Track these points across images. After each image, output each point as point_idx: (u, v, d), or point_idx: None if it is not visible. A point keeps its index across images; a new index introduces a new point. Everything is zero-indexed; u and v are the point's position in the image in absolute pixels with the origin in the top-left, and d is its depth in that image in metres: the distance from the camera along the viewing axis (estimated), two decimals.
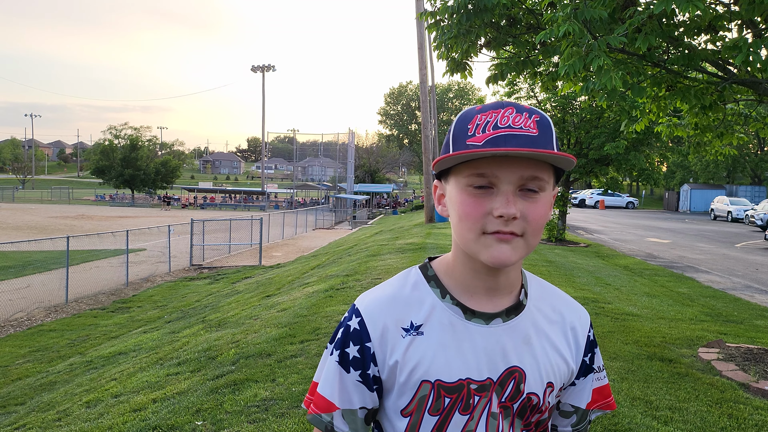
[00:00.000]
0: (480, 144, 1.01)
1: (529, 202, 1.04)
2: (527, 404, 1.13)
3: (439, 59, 6.55)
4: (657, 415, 4.48)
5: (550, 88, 7.00)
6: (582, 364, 1.22)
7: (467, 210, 1.04)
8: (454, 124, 1.08)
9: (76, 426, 4.73)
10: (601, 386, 1.28)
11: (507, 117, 1.03)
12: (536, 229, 1.05)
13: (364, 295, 1.19)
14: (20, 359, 9.04)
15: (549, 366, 1.15)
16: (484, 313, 1.13)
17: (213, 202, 66.09)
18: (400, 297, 1.15)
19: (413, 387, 1.10)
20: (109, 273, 16.78)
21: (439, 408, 1.09)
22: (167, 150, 78.51)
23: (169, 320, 10.52)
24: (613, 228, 28.94)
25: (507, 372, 1.11)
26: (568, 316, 1.22)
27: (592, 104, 16.08)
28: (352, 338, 1.13)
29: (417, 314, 1.13)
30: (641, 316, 8.26)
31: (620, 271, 13.33)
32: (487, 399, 1.10)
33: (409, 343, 1.11)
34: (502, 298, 1.15)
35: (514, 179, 1.02)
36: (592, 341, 1.25)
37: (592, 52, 4.06)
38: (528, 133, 1.01)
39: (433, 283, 1.16)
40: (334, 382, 1.13)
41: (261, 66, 75.19)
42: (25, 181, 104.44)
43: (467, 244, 1.07)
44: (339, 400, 1.12)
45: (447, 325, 1.11)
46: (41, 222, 36.25)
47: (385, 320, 1.12)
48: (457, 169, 1.07)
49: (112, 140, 66.71)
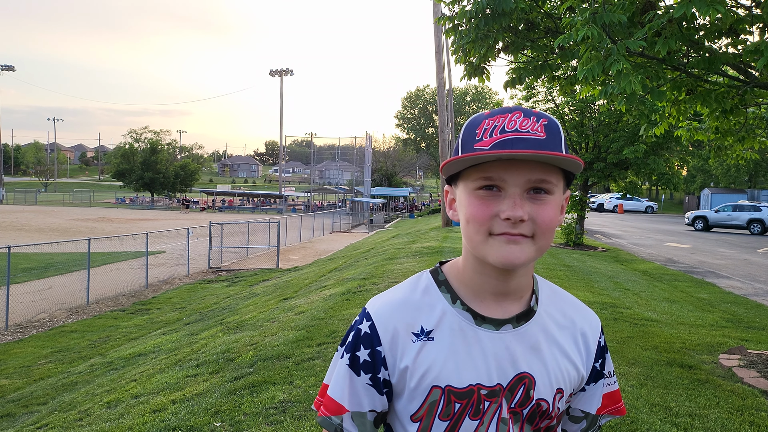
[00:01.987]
0: (487, 148, 1.02)
1: (537, 204, 1.04)
2: (536, 410, 1.13)
3: (456, 63, 6.55)
4: (677, 421, 4.44)
5: (569, 92, 6.98)
6: (592, 369, 1.22)
7: (474, 212, 1.05)
8: (463, 129, 1.10)
9: (97, 426, 4.79)
10: (612, 391, 1.27)
11: (514, 121, 1.04)
12: (545, 231, 1.05)
13: (375, 298, 1.20)
14: (42, 359, 9.18)
15: (559, 372, 1.15)
16: (494, 319, 1.13)
17: (231, 206, 66.54)
18: (410, 301, 1.16)
19: (423, 392, 1.10)
20: (129, 275, 16.97)
21: (450, 413, 1.10)
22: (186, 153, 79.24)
23: (187, 322, 10.61)
24: (632, 232, 28.66)
25: (517, 378, 1.11)
26: (579, 322, 1.22)
27: (611, 108, 15.96)
28: (363, 342, 1.14)
29: (428, 319, 1.13)
30: (661, 321, 8.18)
31: (639, 276, 13.20)
32: (497, 405, 1.10)
33: (419, 348, 1.11)
34: (513, 303, 1.15)
35: (521, 182, 1.03)
36: (602, 347, 1.24)
37: (611, 56, 4.05)
38: (535, 137, 1.02)
39: (443, 287, 1.17)
40: (344, 385, 1.14)
41: (279, 70, 75.61)
42: (47, 184, 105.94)
43: (476, 246, 1.07)
44: (349, 402, 1.13)
45: (457, 330, 1.12)
46: (63, 224, 36.76)
47: (396, 325, 1.13)
48: (465, 174, 1.08)
49: (132, 144, 67.45)
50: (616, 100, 4.81)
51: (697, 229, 31.18)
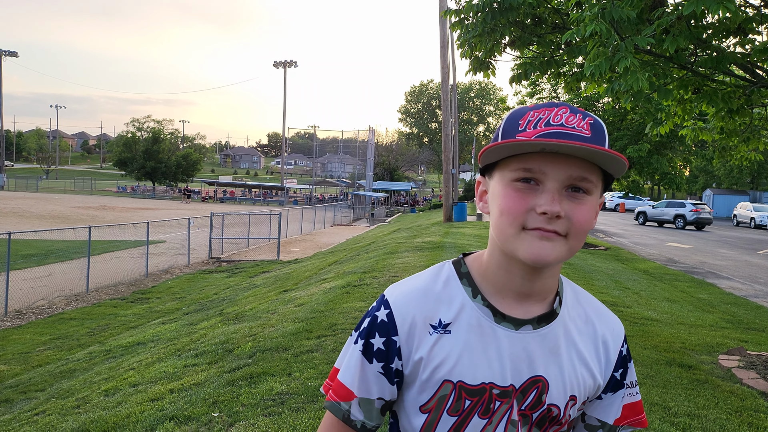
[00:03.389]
0: (530, 139, 0.99)
1: (575, 203, 1.01)
2: (547, 415, 1.10)
3: (462, 58, 6.52)
4: (675, 421, 4.43)
5: (574, 88, 6.94)
6: (611, 379, 1.18)
7: (509, 204, 1.02)
8: (505, 120, 1.07)
9: (94, 414, 4.79)
10: (633, 402, 1.23)
11: (560, 115, 1.01)
12: (580, 231, 1.02)
13: (394, 286, 1.16)
14: (41, 346, 9.19)
15: (574, 378, 1.12)
16: (515, 318, 1.10)
17: (232, 196, 66.56)
18: (431, 292, 1.12)
19: (435, 385, 1.08)
20: (130, 264, 16.98)
21: (459, 409, 1.07)
22: (189, 143, 79.23)
23: (187, 312, 10.62)
24: (633, 232, 28.64)
25: (530, 381, 1.09)
26: (601, 329, 1.18)
27: (616, 106, 15.90)
28: (379, 329, 1.11)
29: (446, 312, 1.10)
30: (660, 321, 8.17)
31: (640, 276, 13.19)
32: (508, 406, 1.08)
33: (435, 340, 1.09)
34: (535, 304, 1.12)
35: (561, 177, 1.00)
36: (625, 356, 1.20)
37: (619, 52, 4.01)
38: (581, 134, 1.00)
39: (465, 281, 1.13)
40: (355, 371, 1.12)
41: (283, 62, 75.47)
42: (49, 171, 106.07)
43: (506, 239, 1.03)
44: (358, 389, 1.11)
45: (475, 326, 1.09)
46: (64, 212, 36.78)
47: (414, 315, 1.10)
48: (503, 163, 1.04)
49: (134, 132, 67.45)
50: (622, 98, 4.78)
51: (640, 222, 34.30)
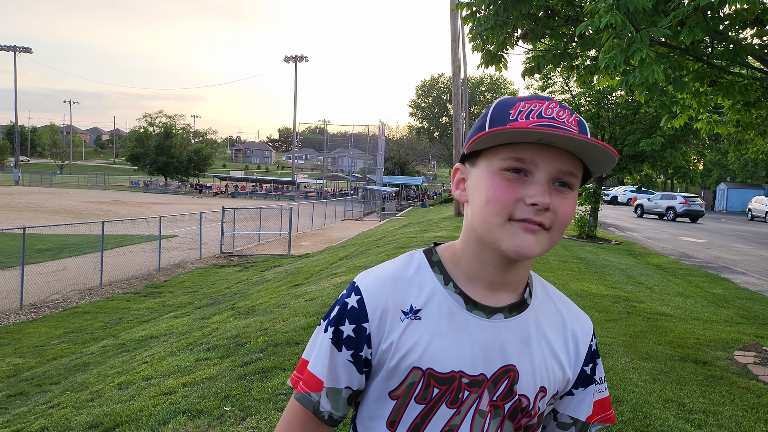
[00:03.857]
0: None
1: (561, 198, 1.01)
2: (518, 406, 1.08)
3: (474, 51, 6.47)
4: (690, 418, 4.39)
5: (587, 81, 6.87)
6: (581, 373, 1.17)
7: (498, 193, 1.00)
8: (492, 108, 1.05)
9: (108, 407, 4.82)
10: (603, 398, 1.22)
11: (551, 109, 1.01)
12: (563, 225, 1.02)
13: (365, 273, 1.14)
14: (56, 340, 9.26)
15: (544, 370, 1.10)
16: (487, 306, 1.08)
17: (244, 191, 66.76)
18: (402, 278, 1.10)
19: (404, 372, 1.05)
20: (142, 258, 17.07)
21: (427, 397, 1.05)
22: (200, 138, 79.46)
23: (199, 306, 10.66)
24: (645, 226, 28.43)
25: (502, 370, 1.07)
26: (570, 323, 1.17)
27: (629, 99, 15.76)
28: (349, 316, 1.08)
29: (417, 298, 1.08)
30: (674, 316, 8.10)
31: (653, 270, 13.08)
32: (477, 395, 1.06)
33: (405, 326, 1.06)
34: (506, 294, 1.11)
35: (551, 170, 0.99)
36: (594, 351, 1.20)
37: (634, 44, 3.95)
38: (570, 129, 0.99)
39: (436, 268, 1.11)
40: (325, 359, 1.09)
41: (294, 56, 75.51)
42: (62, 166, 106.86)
43: (489, 229, 1.01)
44: (327, 378, 1.09)
45: (446, 313, 1.07)
46: (78, 207, 37.07)
47: (386, 302, 1.08)
48: (491, 152, 1.02)
49: (147, 128, 67.77)
50: (636, 90, 4.72)
51: (638, 215, 35.31)
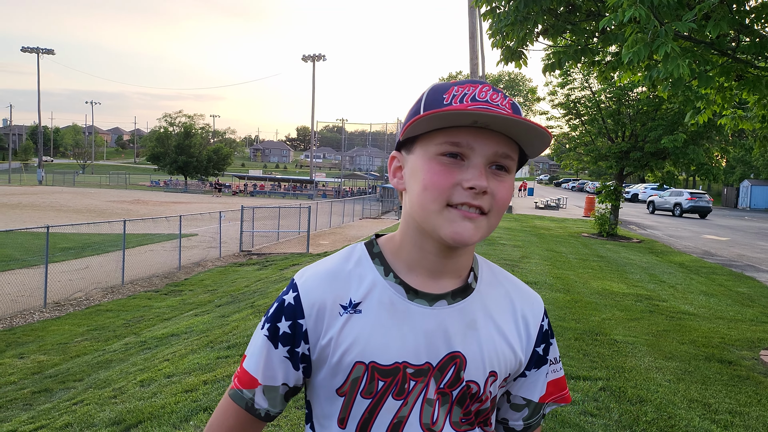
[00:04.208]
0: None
1: (498, 181, 1.00)
2: (467, 392, 1.07)
3: (493, 48, 6.42)
4: (716, 418, 4.31)
5: (608, 77, 6.78)
6: (533, 354, 1.15)
7: (435, 179, 0.98)
8: (426, 94, 1.04)
9: (130, 404, 4.86)
10: (557, 378, 1.21)
11: (485, 92, 0.99)
12: (501, 209, 1.01)
13: (304, 269, 1.13)
14: (79, 337, 9.38)
15: (494, 354, 1.08)
16: (428, 294, 1.06)
17: (262, 190, 67.09)
18: (341, 272, 1.09)
19: (347, 368, 1.03)
20: (163, 257, 17.23)
21: (372, 391, 1.03)
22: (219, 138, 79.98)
23: (219, 304, 10.73)
24: (667, 224, 28.08)
25: (448, 357, 1.05)
26: (520, 304, 1.15)
27: (651, 95, 15.53)
28: (285, 313, 1.07)
29: (356, 291, 1.06)
30: (698, 315, 7.98)
31: (675, 269, 12.91)
32: (423, 384, 1.04)
33: (345, 321, 1.04)
34: (449, 281, 1.09)
35: (488, 153, 0.98)
36: (546, 331, 1.18)
37: (659, 38, 3.88)
38: (504, 112, 0.97)
39: (377, 260, 1.10)
40: (260, 356, 1.08)
41: (311, 55, 75.68)
42: (85, 166, 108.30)
43: (428, 216, 1.00)
44: (262, 375, 1.07)
45: (387, 304, 1.05)
46: (100, 206, 37.54)
47: (323, 297, 1.06)
48: (427, 137, 1.01)
49: (167, 128, 68.33)
50: (661, 86, 4.64)
51: (650, 211, 36.35)
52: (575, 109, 19.37)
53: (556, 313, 7.29)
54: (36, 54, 75.88)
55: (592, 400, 4.47)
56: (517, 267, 10.73)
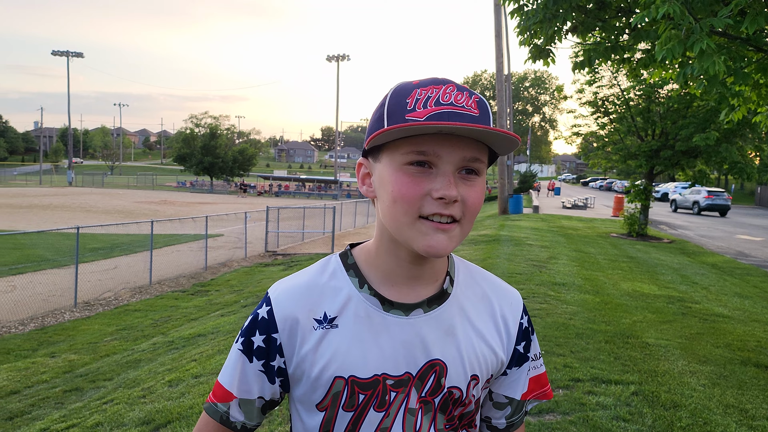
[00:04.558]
0: (422, 119, 0.94)
1: (468, 186, 0.98)
2: (449, 398, 1.07)
3: (521, 46, 6.34)
4: (754, 425, 4.19)
5: (639, 74, 6.64)
6: (514, 353, 1.15)
7: (404, 191, 0.96)
8: (389, 98, 1.01)
9: (159, 404, 4.89)
10: (538, 375, 1.21)
11: (449, 94, 0.97)
12: (473, 214, 1.00)
13: (279, 282, 1.13)
14: (108, 336, 9.50)
15: (474, 358, 1.08)
16: (404, 303, 1.06)
17: (287, 190, 67.48)
18: (315, 286, 1.08)
19: (327, 383, 1.03)
20: (189, 257, 17.41)
21: (354, 405, 1.03)
22: (244, 138, 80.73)
23: (245, 305, 10.79)
24: (698, 224, 27.55)
25: (428, 365, 1.04)
26: (498, 304, 1.15)
27: (682, 93, 15.22)
28: (259, 327, 1.07)
29: (331, 305, 1.06)
30: (733, 317, 7.79)
31: (708, 270, 12.64)
32: (404, 395, 1.04)
33: (321, 336, 1.04)
34: (426, 287, 1.08)
35: (455, 159, 0.96)
36: (526, 328, 1.17)
37: (694, 34, 3.78)
38: (470, 113, 0.96)
39: (352, 272, 1.09)
40: (234, 370, 1.08)
41: (336, 56, 75.95)
42: (113, 167, 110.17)
43: (400, 229, 0.99)
44: (237, 389, 1.07)
45: (363, 317, 1.05)
46: (128, 206, 38.12)
47: (296, 311, 1.06)
48: (393, 146, 0.98)
49: (193, 129, 69.19)
50: (695, 83, 4.52)
51: (672, 210, 36.88)
52: (603, 107, 19.09)
53: (585, 315, 7.17)
54: (66, 57, 77.33)
55: (625, 405, 4.37)
56: (544, 268, 10.60)
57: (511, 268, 10.21)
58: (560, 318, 6.87)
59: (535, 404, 1.22)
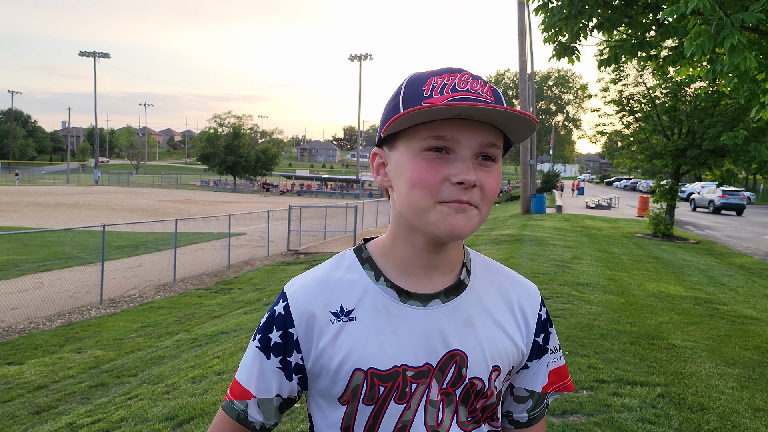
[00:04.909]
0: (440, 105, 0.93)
1: (486, 172, 0.98)
2: (471, 390, 1.06)
3: (545, 43, 6.27)
4: None
5: (666, 72, 6.52)
6: (534, 345, 1.15)
7: (422, 176, 0.96)
8: (404, 86, 1.01)
9: (182, 400, 4.93)
10: (558, 367, 1.21)
11: (465, 81, 0.97)
12: (490, 200, 1.00)
13: (294, 278, 1.13)
14: (133, 333, 9.63)
15: (495, 348, 1.07)
16: (421, 294, 1.05)
17: (309, 190, 67.79)
18: (330, 280, 1.08)
19: (346, 376, 1.03)
20: (213, 255, 17.56)
21: (374, 397, 1.02)
22: (267, 138, 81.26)
23: (267, 303, 10.85)
24: (726, 224, 27.06)
25: (448, 356, 1.04)
26: (516, 295, 1.14)
27: (710, 90, 14.95)
28: (276, 323, 1.07)
29: (348, 298, 1.06)
30: (762, 320, 7.63)
31: (736, 271, 12.40)
32: (425, 386, 1.03)
33: (338, 329, 1.04)
34: (443, 277, 1.08)
35: (474, 145, 0.96)
36: (544, 320, 1.17)
37: (724, 30, 3.70)
38: (486, 100, 0.96)
39: (367, 265, 1.09)
40: (252, 368, 1.08)
41: (358, 55, 76.03)
42: (138, 166, 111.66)
43: (419, 214, 0.98)
44: (255, 388, 1.07)
45: (381, 309, 1.04)
46: (152, 205, 38.60)
47: (312, 305, 1.06)
48: (410, 133, 0.98)
49: (216, 128, 69.86)
50: (725, 80, 4.43)
51: (692, 209, 37.06)
52: (629, 105, 18.83)
53: (610, 315, 7.08)
54: (93, 58, 78.57)
55: (650, 407, 4.30)
56: (568, 268, 10.49)
57: (534, 268, 10.12)
58: (584, 318, 6.79)
59: (557, 396, 1.22)
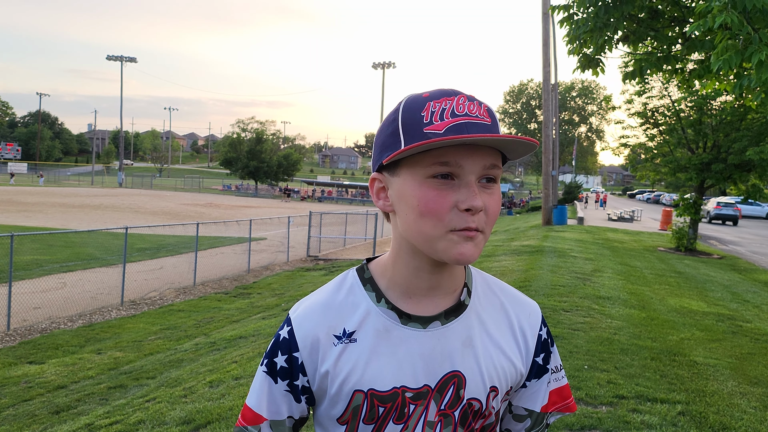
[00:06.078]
0: (442, 132, 0.95)
1: (488, 194, 1.00)
2: (469, 410, 1.07)
3: (570, 55, 6.24)
4: None
5: (692, 85, 6.45)
6: (533, 365, 1.16)
7: (431, 205, 0.97)
8: (401, 112, 1.01)
9: (200, 404, 4.97)
10: (560, 387, 1.21)
11: (462, 105, 0.98)
12: (493, 221, 1.02)
13: (298, 303, 1.15)
14: (152, 335, 9.72)
15: (493, 369, 1.09)
16: (421, 316, 1.07)
17: (330, 196, 68.04)
18: (332, 303, 1.10)
19: (346, 397, 1.05)
20: (233, 259, 17.68)
21: (373, 418, 1.05)
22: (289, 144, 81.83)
23: (286, 308, 10.89)
24: (750, 239, 26.60)
25: (446, 377, 1.05)
26: (516, 316, 1.15)
27: (736, 105, 14.75)
28: (281, 348, 1.10)
29: (350, 321, 1.08)
30: None
31: (760, 287, 12.18)
32: (423, 407, 1.05)
33: (340, 351, 1.06)
34: (444, 297, 1.09)
35: (477, 169, 0.98)
36: (545, 340, 1.18)
37: (752, 45, 3.65)
38: (484, 122, 0.98)
39: (369, 286, 1.10)
40: (261, 392, 1.10)
41: (381, 63, 76.24)
42: (162, 169, 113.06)
43: (429, 242, 0.99)
44: (267, 411, 1.10)
45: (381, 331, 1.06)
46: (174, 208, 39.03)
47: (316, 329, 1.08)
48: (413, 160, 0.99)
49: (239, 133, 70.54)
50: (752, 94, 4.37)
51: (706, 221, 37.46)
52: (653, 118, 18.64)
53: (630, 330, 6.99)
54: (120, 62, 79.75)
55: (671, 425, 4.23)
56: (588, 281, 10.38)
57: (554, 280, 10.03)
58: (604, 333, 6.71)
59: (559, 417, 1.21)
